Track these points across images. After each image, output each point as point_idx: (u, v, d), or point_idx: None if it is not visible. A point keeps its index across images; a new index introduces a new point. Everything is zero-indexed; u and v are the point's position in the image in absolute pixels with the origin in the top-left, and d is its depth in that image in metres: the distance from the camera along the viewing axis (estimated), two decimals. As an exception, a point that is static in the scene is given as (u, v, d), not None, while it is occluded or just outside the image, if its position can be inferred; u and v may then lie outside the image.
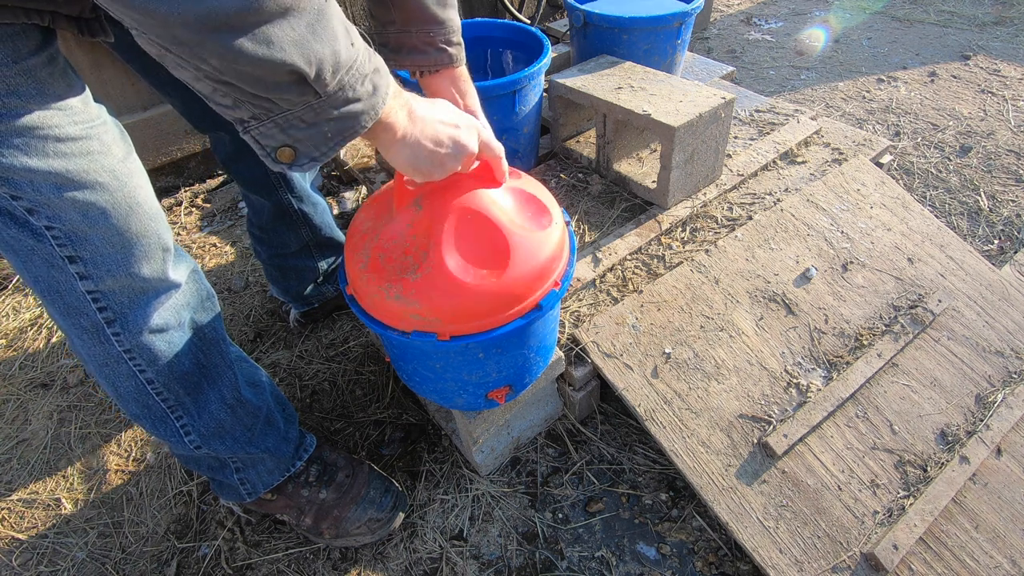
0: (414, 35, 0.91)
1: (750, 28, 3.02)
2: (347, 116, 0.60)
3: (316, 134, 0.59)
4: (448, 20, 0.92)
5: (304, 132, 0.59)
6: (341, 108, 0.59)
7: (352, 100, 0.59)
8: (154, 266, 0.78)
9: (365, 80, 0.59)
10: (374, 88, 0.61)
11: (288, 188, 1.28)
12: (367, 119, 0.61)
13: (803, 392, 1.16)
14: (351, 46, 0.57)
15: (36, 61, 0.63)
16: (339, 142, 0.62)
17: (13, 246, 0.71)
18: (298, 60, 0.52)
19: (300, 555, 1.14)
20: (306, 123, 0.58)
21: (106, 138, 0.71)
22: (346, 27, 0.57)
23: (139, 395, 0.85)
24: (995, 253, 1.65)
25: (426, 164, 0.73)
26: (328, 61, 0.55)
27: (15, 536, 1.21)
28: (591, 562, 1.11)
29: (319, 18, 0.53)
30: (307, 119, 0.58)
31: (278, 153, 0.60)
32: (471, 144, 0.76)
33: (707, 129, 1.36)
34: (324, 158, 0.62)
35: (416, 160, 0.72)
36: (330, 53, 0.55)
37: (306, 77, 0.54)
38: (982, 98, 2.30)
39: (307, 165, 0.62)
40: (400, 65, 0.94)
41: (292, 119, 0.57)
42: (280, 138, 0.58)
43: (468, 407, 1.08)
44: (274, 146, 0.59)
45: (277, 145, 0.59)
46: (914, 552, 1.00)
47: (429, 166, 0.74)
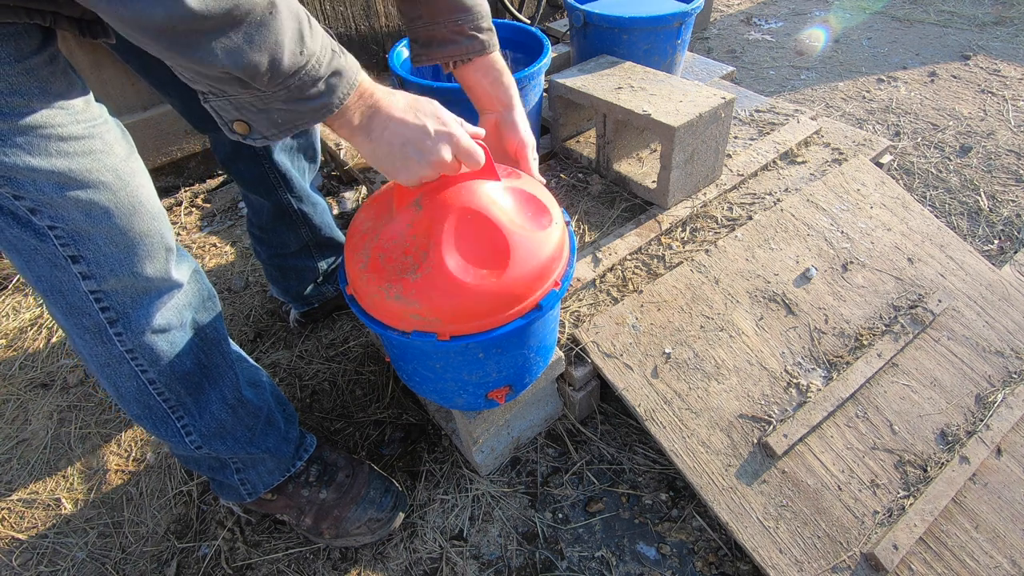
0: (442, 26, 0.90)
1: (750, 28, 3.03)
2: (296, 111, 0.63)
3: (266, 119, 0.64)
4: (475, 6, 0.90)
5: (255, 114, 0.63)
6: (289, 104, 0.62)
7: (301, 99, 0.62)
8: (157, 266, 0.78)
9: (318, 82, 0.62)
10: (328, 89, 0.64)
11: (288, 188, 1.28)
12: (317, 116, 0.65)
13: (803, 392, 1.16)
14: (299, 53, 0.59)
15: (38, 60, 0.64)
16: (290, 128, 0.66)
17: (16, 246, 0.71)
18: (230, 66, 0.55)
19: (300, 555, 1.14)
20: (255, 108, 0.62)
21: (108, 137, 0.71)
22: (299, 33, 0.59)
23: (140, 395, 0.85)
24: (995, 253, 1.65)
25: (387, 163, 0.74)
26: (264, 68, 0.57)
27: (15, 536, 1.21)
28: (591, 562, 1.11)
29: (259, 28, 0.55)
30: (256, 105, 0.62)
31: (234, 124, 0.64)
32: (437, 154, 0.74)
33: (707, 129, 1.36)
34: (277, 138, 0.66)
35: (376, 158, 0.74)
36: (267, 61, 0.57)
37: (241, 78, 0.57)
38: (982, 98, 2.30)
39: (260, 140, 0.66)
40: (431, 59, 0.93)
41: (243, 102, 0.61)
42: (234, 114, 0.63)
43: (468, 407, 1.08)
44: (230, 119, 0.63)
45: (232, 119, 0.63)
46: (914, 552, 1.00)
47: (390, 166, 0.75)
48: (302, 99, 0.62)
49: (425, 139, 0.73)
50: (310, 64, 0.60)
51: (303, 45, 0.59)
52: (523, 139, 0.97)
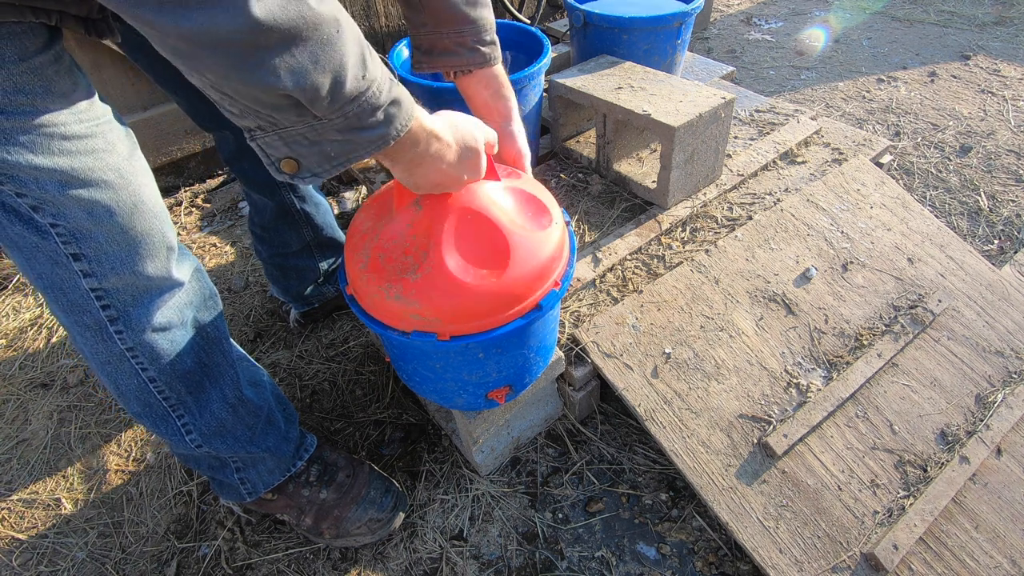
0: (445, 36, 0.90)
1: (750, 28, 3.03)
2: (351, 142, 0.60)
3: (318, 152, 0.60)
4: (480, 19, 0.91)
5: (307, 149, 0.59)
6: (346, 134, 0.59)
7: (358, 128, 0.59)
8: (158, 264, 0.78)
9: (377, 111, 0.59)
10: (386, 119, 0.60)
11: (291, 188, 1.28)
12: (372, 147, 0.62)
13: (803, 392, 1.16)
14: (361, 78, 0.56)
15: (42, 59, 0.64)
16: (343, 162, 0.62)
17: (17, 243, 0.71)
18: (291, 87, 0.52)
19: (300, 555, 1.14)
20: (308, 140, 0.58)
21: (111, 136, 0.72)
22: (362, 57, 0.56)
23: (141, 393, 0.85)
24: (995, 253, 1.65)
25: (426, 188, 0.78)
26: (325, 90, 0.54)
27: (15, 536, 1.21)
28: (591, 562, 1.11)
29: (325, 47, 0.52)
30: (310, 137, 0.58)
31: (282, 164, 0.60)
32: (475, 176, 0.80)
33: (707, 129, 1.36)
34: (327, 175, 0.63)
35: (409, 184, 0.77)
36: (330, 83, 0.54)
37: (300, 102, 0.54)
38: (982, 98, 2.30)
39: (309, 179, 0.62)
40: (433, 67, 0.93)
41: (295, 135, 0.58)
42: (284, 150, 0.59)
43: (468, 407, 1.08)
44: (278, 157, 0.59)
45: (281, 156, 0.59)
46: (914, 552, 1.00)
47: (428, 189, 0.79)
48: (359, 128, 0.59)
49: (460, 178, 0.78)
50: (371, 91, 0.58)
51: (365, 69, 0.57)
52: (520, 150, 0.98)
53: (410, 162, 0.70)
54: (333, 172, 0.62)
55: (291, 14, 0.49)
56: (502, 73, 0.97)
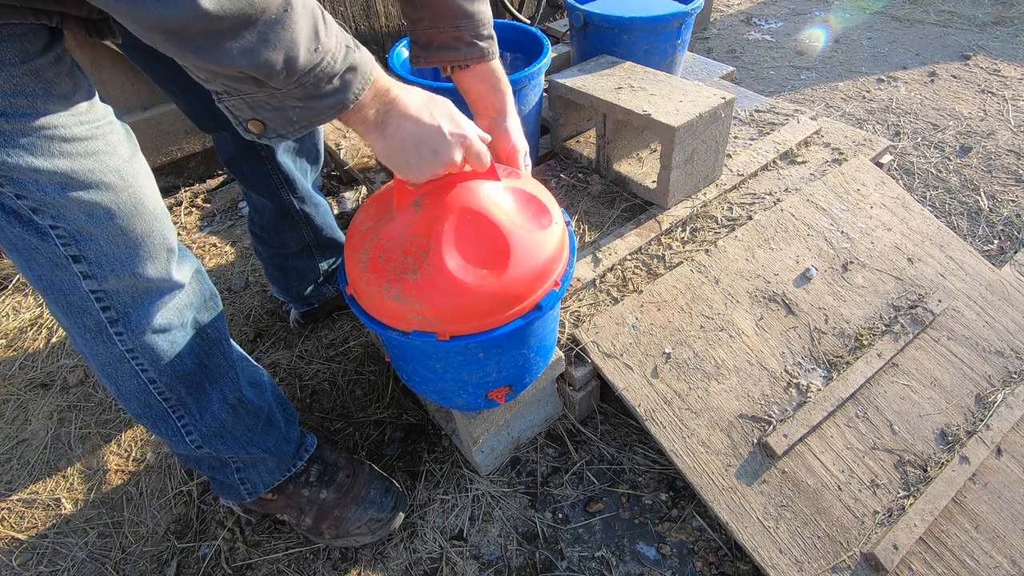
0: (443, 31, 0.90)
1: (750, 28, 3.03)
2: (311, 108, 0.63)
3: (281, 116, 0.63)
4: (477, 13, 0.90)
5: (270, 113, 0.63)
6: (304, 101, 0.62)
7: (316, 95, 0.62)
8: (158, 266, 0.78)
9: (334, 79, 0.62)
10: (343, 85, 0.63)
11: (291, 188, 1.28)
12: (332, 112, 0.65)
13: (803, 392, 1.16)
14: (314, 50, 0.59)
15: (43, 61, 0.64)
16: (306, 125, 0.65)
17: (17, 245, 0.71)
18: (245, 66, 0.55)
19: (300, 555, 1.14)
20: (271, 106, 0.62)
21: (112, 138, 0.72)
22: (314, 29, 0.58)
23: (141, 394, 0.85)
24: (995, 253, 1.65)
25: (399, 161, 0.75)
26: (279, 66, 0.57)
27: (15, 536, 1.21)
28: (591, 562, 1.11)
29: (274, 27, 0.55)
30: (271, 103, 0.61)
31: (249, 124, 0.64)
32: (449, 154, 0.76)
33: (707, 129, 1.36)
34: (292, 136, 0.66)
35: (388, 155, 0.75)
36: (283, 59, 0.56)
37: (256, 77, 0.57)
38: (982, 98, 2.30)
39: (276, 139, 0.66)
40: (430, 61, 0.93)
41: (258, 100, 0.61)
42: (249, 113, 0.62)
43: (468, 407, 1.08)
44: (244, 118, 0.63)
45: (247, 118, 0.63)
46: (914, 552, 1.00)
47: (402, 164, 0.76)
48: (317, 96, 0.62)
49: (439, 140, 0.74)
50: (325, 61, 0.60)
51: (318, 42, 0.59)
52: (514, 144, 0.98)
53: (378, 125, 0.71)
54: (299, 133, 0.66)
55: (239, 2, 0.51)
56: (499, 68, 0.97)
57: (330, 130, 1.96)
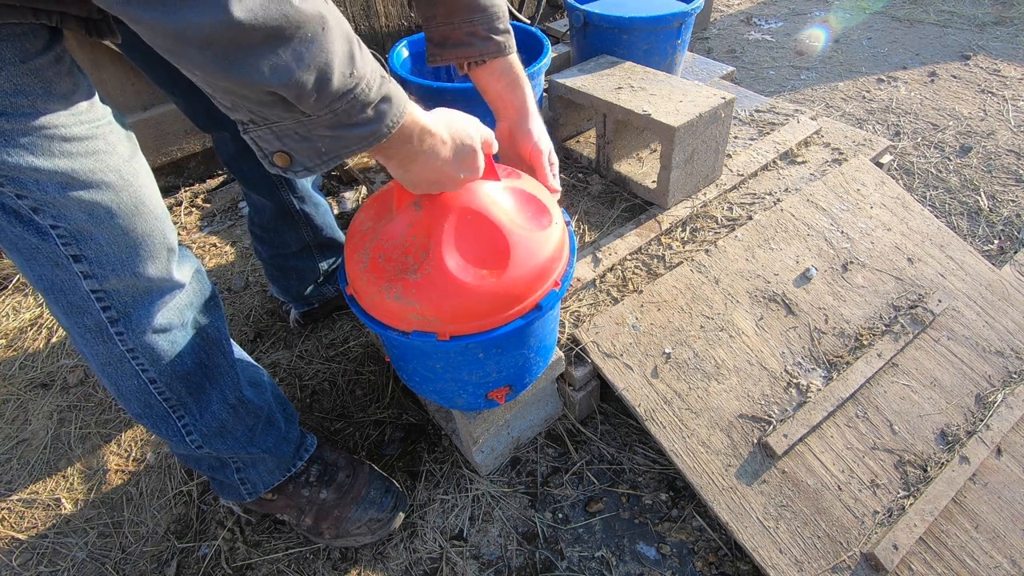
0: (457, 26, 0.88)
1: (750, 28, 3.03)
2: (342, 138, 0.60)
3: (309, 147, 0.60)
4: (491, 6, 0.89)
5: (298, 144, 0.59)
6: (336, 130, 0.59)
7: (347, 124, 0.59)
8: (159, 266, 0.78)
9: (367, 108, 0.59)
10: (377, 116, 0.60)
11: (290, 189, 1.28)
12: (363, 144, 0.61)
13: (803, 392, 1.16)
14: (349, 75, 0.56)
15: (43, 61, 0.63)
16: (334, 158, 0.62)
17: (17, 244, 0.71)
18: (275, 84, 0.52)
19: (300, 555, 1.14)
20: (299, 136, 0.58)
21: (112, 138, 0.72)
22: (350, 54, 0.56)
23: (141, 394, 0.85)
24: (995, 253, 1.65)
25: (422, 187, 0.77)
26: (311, 87, 0.54)
27: (15, 536, 1.21)
28: (591, 562, 1.11)
29: (309, 45, 0.52)
30: (300, 132, 0.58)
31: (274, 157, 0.60)
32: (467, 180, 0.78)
33: (707, 129, 1.36)
34: (319, 169, 0.63)
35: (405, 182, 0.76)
36: (315, 80, 0.54)
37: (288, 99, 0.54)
38: (982, 98, 2.30)
39: (302, 173, 0.62)
40: (445, 59, 0.92)
41: (286, 130, 0.58)
42: (276, 144, 0.59)
43: (468, 407, 1.08)
44: (271, 150, 0.60)
45: (273, 150, 0.60)
46: (914, 552, 1.00)
47: (425, 188, 0.78)
48: (349, 125, 0.59)
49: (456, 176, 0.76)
50: (359, 87, 0.57)
51: (353, 66, 0.56)
52: (536, 145, 0.95)
53: (404, 158, 0.70)
54: (326, 167, 0.63)
55: (273, 13, 0.49)
56: (517, 63, 0.94)
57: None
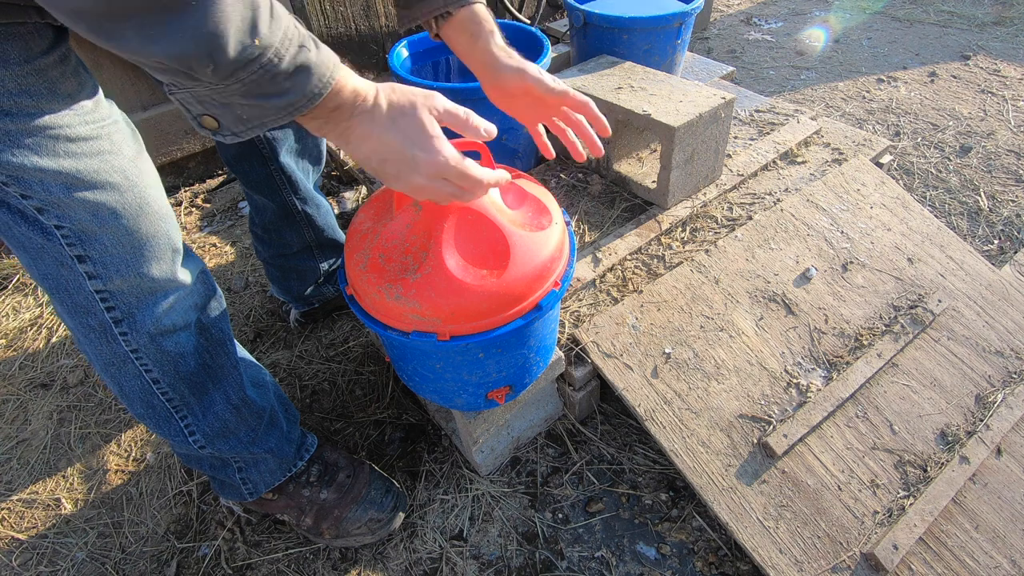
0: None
1: (750, 28, 3.03)
2: (259, 107, 0.58)
3: (231, 114, 0.58)
4: None
5: (219, 110, 0.58)
6: (250, 99, 0.57)
7: (261, 94, 0.57)
8: (163, 267, 0.78)
9: (278, 78, 0.56)
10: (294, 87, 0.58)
11: (293, 189, 1.28)
12: (283, 114, 0.59)
13: (803, 392, 1.16)
14: (250, 44, 0.53)
15: (47, 60, 0.63)
16: (258, 126, 0.60)
17: (23, 244, 0.71)
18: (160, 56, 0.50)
19: (300, 555, 1.14)
20: (218, 103, 0.57)
21: (117, 138, 0.71)
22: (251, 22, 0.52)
23: (144, 395, 0.85)
24: (995, 253, 1.65)
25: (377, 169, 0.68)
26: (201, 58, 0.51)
27: (15, 536, 1.21)
28: (591, 562, 1.11)
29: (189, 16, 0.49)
30: (217, 100, 0.57)
31: (202, 119, 0.59)
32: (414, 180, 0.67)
33: (707, 129, 1.36)
34: (247, 135, 0.61)
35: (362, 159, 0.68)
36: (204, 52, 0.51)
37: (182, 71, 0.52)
38: (982, 98, 2.30)
39: (229, 137, 0.61)
40: (413, 20, 0.89)
41: (203, 95, 0.56)
42: (199, 108, 0.58)
43: (468, 407, 1.08)
44: (196, 113, 0.58)
45: (198, 113, 0.58)
46: (914, 552, 1.00)
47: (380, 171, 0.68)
48: (263, 95, 0.57)
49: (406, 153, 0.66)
50: (266, 57, 0.54)
51: (256, 35, 0.53)
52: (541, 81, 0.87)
53: (341, 131, 0.65)
54: (253, 133, 0.61)
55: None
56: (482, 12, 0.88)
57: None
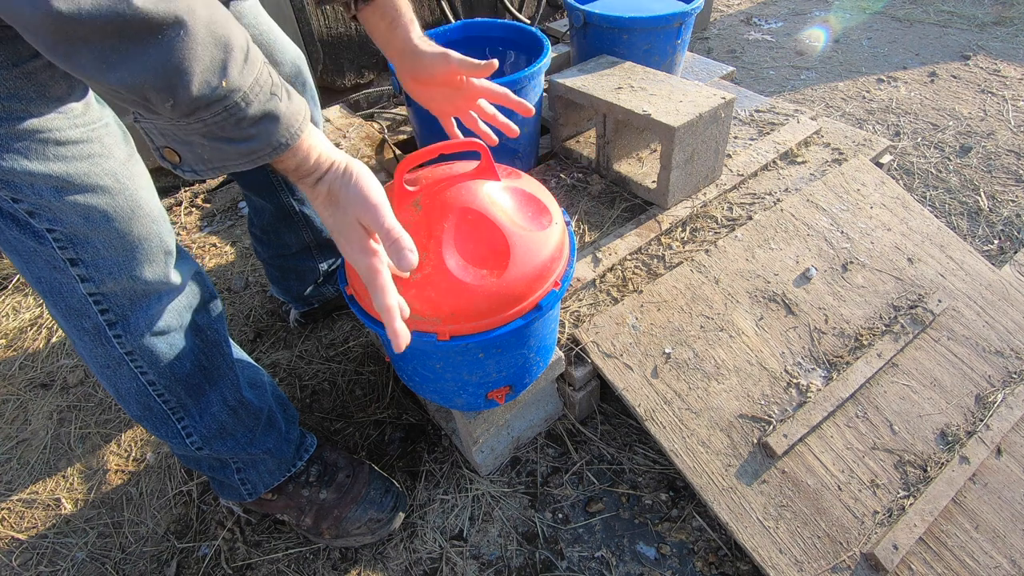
0: None
1: (750, 28, 3.02)
2: (221, 150, 0.56)
3: (191, 152, 0.57)
4: None
5: (180, 146, 0.56)
6: (212, 141, 0.55)
7: (222, 138, 0.55)
8: (156, 269, 0.78)
9: (243, 123, 0.55)
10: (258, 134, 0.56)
11: (290, 191, 1.28)
12: (246, 160, 0.58)
13: (803, 392, 1.16)
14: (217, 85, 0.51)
15: (37, 64, 0.63)
16: (220, 168, 0.59)
17: (15, 247, 0.71)
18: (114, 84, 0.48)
19: (300, 555, 1.14)
20: (179, 139, 0.55)
21: (108, 141, 0.71)
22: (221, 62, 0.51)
23: (140, 396, 0.85)
24: (995, 253, 1.65)
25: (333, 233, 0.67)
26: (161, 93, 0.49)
27: (15, 536, 1.21)
28: (591, 562, 1.11)
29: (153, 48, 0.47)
30: (179, 135, 0.55)
31: (164, 151, 0.58)
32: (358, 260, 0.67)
33: (707, 129, 1.36)
34: (209, 175, 0.60)
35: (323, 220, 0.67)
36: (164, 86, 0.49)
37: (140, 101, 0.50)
38: (982, 98, 2.30)
39: (189, 174, 0.60)
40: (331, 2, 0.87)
41: (164, 128, 0.55)
42: (161, 140, 0.57)
43: (468, 407, 1.08)
44: (159, 144, 0.58)
45: (161, 145, 0.57)
46: (914, 552, 1.00)
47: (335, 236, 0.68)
48: (225, 139, 0.55)
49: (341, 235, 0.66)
50: (231, 100, 0.53)
51: (224, 77, 0.52)
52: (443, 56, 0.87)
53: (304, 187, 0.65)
54: (214, 175, 0.59)
55: (103, 11, 0.45)
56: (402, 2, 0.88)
57: (330, 130, 1.96)
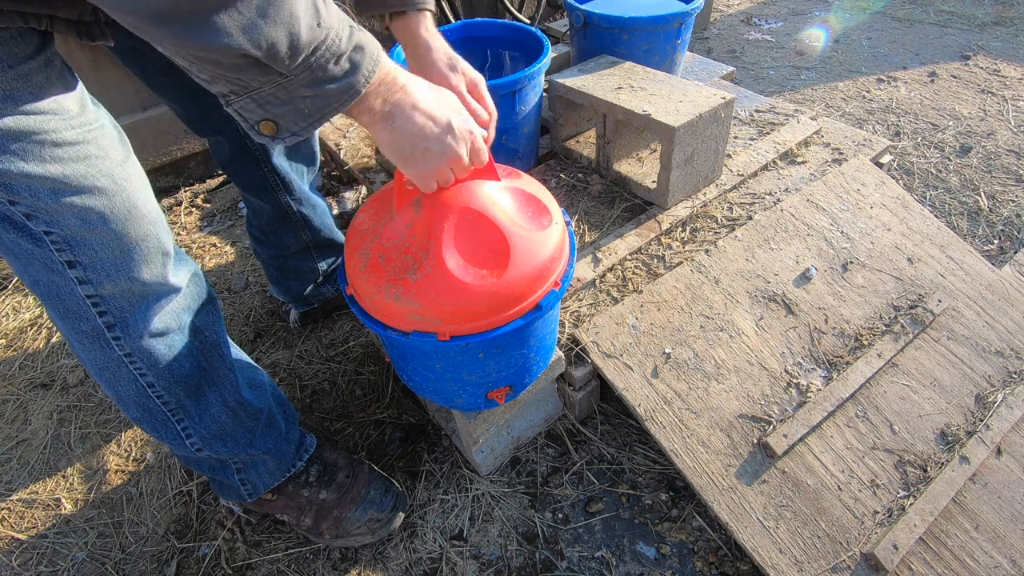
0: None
1: (750, 28, 3.02)
2: (322, 95, 0.59)
3: (293, 110, 0.59)
4: None
5: (281, 108, 0.59)
6: (314, 87, 0.58)
7: (324, 80, 0.58)
8: (154, 270, 0.78)
9: (340, 59, 0.58)
10: (352, 67, 0.59)
11: (287, 191, 1.28)
12: (345, 99, 0.61)
13: (803, 392, 1.16)
14: (316, 26, 0.55)
15: (32, 65, 0.63)
16: (319, 118, 0.61)
17: (13, 250, 0.70)
18: (246, 45, 0.51)
19: (300, 555, 1.14)
20: (280, 100, 0.58)
21: (104, 142, 0.71)
22: (314, 5, 0.55)
23: (140, 398, 0.85)
24: (995, 253, 1.65)
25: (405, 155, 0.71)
26: (283, 44, 0.53)
27: (15, 536, 1.21)
28: (591, 562, 1.11)
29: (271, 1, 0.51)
30: (280, 96, 0.58)
31: (260, 126, 0.60)
32: (457, 150, 0.73)
33: (707, 129, 1.36)
34: (306, 132, 0.62)
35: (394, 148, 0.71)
36: (285, 36, 0.53)
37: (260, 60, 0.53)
38: (982, 98, 2.30)
39: (290, 139, 0.62)
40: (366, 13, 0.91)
41: (266, 95, 0.57)
42: (259, 112, 0.59)
43: (468, 407, 1.08)
44: (255, 119, 0.59)
45: (258, 119, 0.59)
46: (914, 552, 1.00)
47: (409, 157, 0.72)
48: (326, 80, 0.58)
49: (448, 135, 0.71)
50: (329, 38, 0.56)
51: (319, 17, 0.55)
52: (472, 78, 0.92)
53: (386, 117, 0.67)
54: (312, 129, 0.62)
55: None
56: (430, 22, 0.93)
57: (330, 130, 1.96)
